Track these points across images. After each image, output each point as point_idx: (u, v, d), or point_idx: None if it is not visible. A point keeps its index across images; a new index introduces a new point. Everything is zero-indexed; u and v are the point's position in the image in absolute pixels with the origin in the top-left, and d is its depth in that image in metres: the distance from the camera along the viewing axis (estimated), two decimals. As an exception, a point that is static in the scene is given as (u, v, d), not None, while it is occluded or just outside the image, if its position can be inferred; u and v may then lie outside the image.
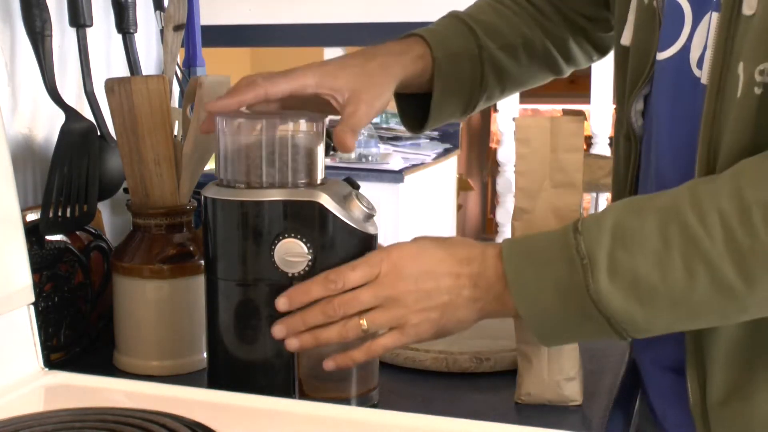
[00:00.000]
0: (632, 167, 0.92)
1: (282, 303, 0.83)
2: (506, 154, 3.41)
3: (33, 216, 1.00)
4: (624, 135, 0.93)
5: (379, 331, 0.83)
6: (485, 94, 1.04)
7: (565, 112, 5.69)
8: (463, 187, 4.60)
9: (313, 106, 0.91)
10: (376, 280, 0.81)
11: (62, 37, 1.11)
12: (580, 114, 0.91)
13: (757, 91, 0.74)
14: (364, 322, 0.81)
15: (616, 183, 0.96)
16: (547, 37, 1.06)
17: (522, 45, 1.05)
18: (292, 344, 0.83)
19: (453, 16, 1.05)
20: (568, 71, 1.11)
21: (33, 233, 0.99)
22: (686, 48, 0.82)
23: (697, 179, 0.77)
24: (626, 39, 0.89)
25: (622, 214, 0.76)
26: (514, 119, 0.91)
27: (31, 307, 0.83)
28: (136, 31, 1.17)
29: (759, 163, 0.73)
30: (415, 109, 1.02)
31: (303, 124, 0.86)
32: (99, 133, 1.08)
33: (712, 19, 0.79)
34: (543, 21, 1.06)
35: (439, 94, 0.99)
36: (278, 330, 0.83)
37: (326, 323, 0.82)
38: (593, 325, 0.76)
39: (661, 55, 0.85)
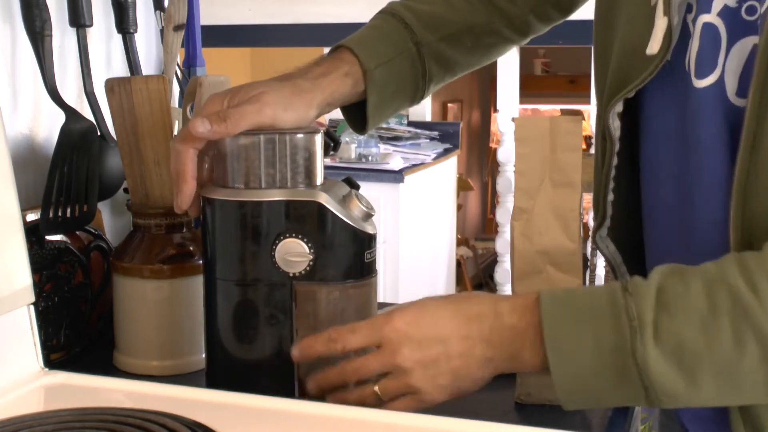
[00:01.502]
0: (606, 167, 0.91)
1: (294, 355, 0.83)
2: (506, 154, 3.41)
3: (33, 216, 1.00)
4: (600, 134, 0.91)
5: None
6: (432, 83, 1.03)
7: (564, 112, 5.70)
8: (463, 187, 4.60)
9: None
10: (381, 348, 0.79)
11: (62, 37, 1.11)
12: (579, 114, 0.90)
13: None
14: (377, 390, 0.79)
15: (596, 183, 0.95)
16: (500, 19, 1.05)
17: (467, 31, 1.03)
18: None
19: (388, 13, 1.03)
20: (523, 42, 1.10)
21: (33, 233, 0.99)
22: (722, 76, 0.80)
23: (740, 252, 0.74)
24: (654, 48, 0.83)
25: (665, 277, 0.74)
26: (513, 119, 0.91)
27: (31, 307, 0.83)
28: (136, 31, 1.17)
29: None
30: (356, 111, 1.01)
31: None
32: (99, 133, 1.08)
33: (748, 44, 0.77)
34: (499, 2, 1.05)
35: (375, 102, 0.98)
36: (311, 386, 0.83)
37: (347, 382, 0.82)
38: (628, 391, 0.73)
39: (700, 83, 0.81)
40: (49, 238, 1.02)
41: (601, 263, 2.61)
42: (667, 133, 0.87)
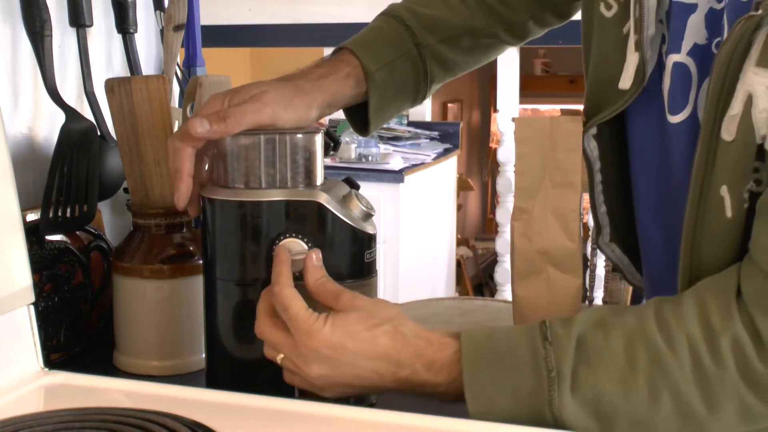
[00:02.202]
0: (592, 184, 0.93)
1: None
2: (506, 154, 3.41)
3: (33, 216, 1.00)
4: (583, 154, 0.93)
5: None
6: (433, 84, 1.04)
7: (564, 112, 5.69)
8: (463, 187, 4.60)
9: None
10: (295, 349, 0.79)
11: (62, 37, 1.11)
12: (579, 114, 0.90)
13: (745, 205, 0.75)
14: (279, 360, 0.81)
15: (590, 195, 0.96)
16: (499, 24, 1.05)
17: (466, 34, 1.04)
18: None
19: (389, 15, 1.04)
20: (520, 44, 1.11)
21: (33, 233, 0.99)
22: (694, 111, 0.81)
23: (659, 300, 0.76)
24: (626, 83, 0.85)
25: (586, 328, 0.75)
26: (513, 119, 0.91)
27: (31, 307, 0.83)
28: (136, 31, 1.17)
29: (719, 289, 0.74)
30: (358, 113, 1.02)
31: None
32: (99, 133, 1.08)
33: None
34: (498, 7, 1.05)
35: (376, 104, 0.99)
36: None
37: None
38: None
39: (673, 119, 0.83)
40: (49, 238, 1.02)
41: (601, 263, 2.60)
42: (647, 162, 0.88)
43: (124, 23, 1.16)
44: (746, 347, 0.70)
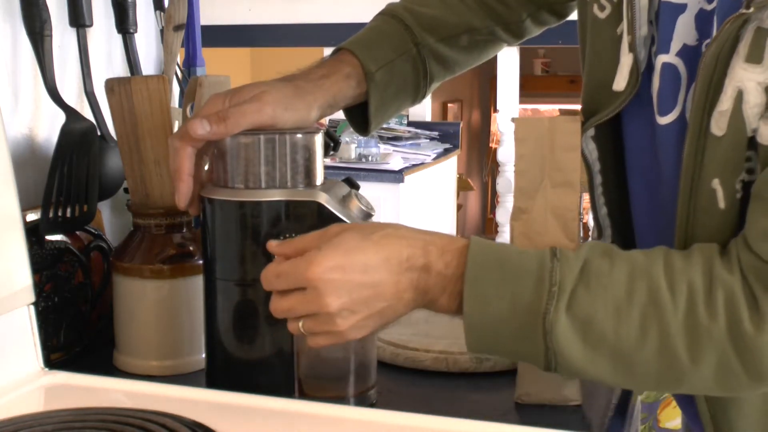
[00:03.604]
0: (592, 187, 0.93)
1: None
2: (506, 154, 3.41)
3: (33, 216, 1.00)
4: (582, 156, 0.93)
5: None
6: (433, 82, 1.05)
7: (562, 112, 5.69)
8: (463, 187, 4.60)
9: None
10: (306, 291, 0.77)
11: (62, 37, 1.11)
12: (577, 113, 0.90)
13: (738, 195, 0.75)
14: (301, 327, 0.78)
15: (590, 197, 0.96)
16: (497, 23, 1.06)
17: (464, 33, 1.04)
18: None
19: (388, 15, 1.04)
20: (518, 43, 1.11)
21: (33, 233, 0.99)
22: (683, 113, 0.81)
23: (669, 249, 0.77)
24: (620, 85, 0.85)
25: (593, 254, 0.76)
26: (513, 119, 0.91)
27: (31, 307, 0.83)
28: (136, 31, 1.17)
29: (726, 249, 0.75)
30: (358, 113, 1.02)
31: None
32: (99, 133, 1.08)
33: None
34: (495, 6, 1.06)
35: (376, 104, 0.99)
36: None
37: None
38: (530, 348, 0.75)
39: (661, 120, 0.83)
40: (49, 238, 1.02)
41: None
42: (639, 163, 0.89)
43: (124, 23, 1.16)
44: (740, 306, 0.71)
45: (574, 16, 1.13)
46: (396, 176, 3.18)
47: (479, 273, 0.75)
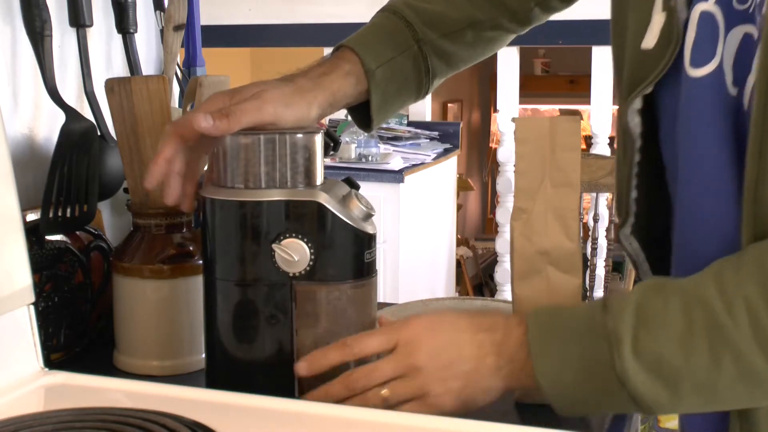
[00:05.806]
0: (628, 165, 0.90)
1: (302, 368, 0.83)
2: (506, 154, 3.41)
3: (33, 216, 1.00)
4: (623, 132, 0.91)
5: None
6: (435, 79, 1.04)
7: (562, 112, 5.70)
8: (463, 187, 4.60)
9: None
10: (395, 351, 0.80)
11: (62, 37, 1.11)
12: (577, 113, 0.90)
13: None
14: (386, 392, 0.80)
15: (618, 180, 0.94)
16: (503, 13, 1.05)
17: (468, 27, 1.04)
18: None
19: (389, 11, 1.03)
20: (524, 31, 1.10)
21: (33, 233, 0.99)
22: (721, 65, 0.79)
23: (721, 262, 0.76)
24: (649, 43, 0.83)
25: (644, 295, 0.76)
26: (513, 119, 0.91)
27: (31, 307, 0.83)
28: (136, 31, 1.17)
29: None
30: (361, 110, 1.01)
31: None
32: (99, 133, 1.08)
33: (740, 32, 0.77)
34: None
35: (378, 101, 0.99)
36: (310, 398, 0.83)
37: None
38: (618, 400, 0.76)
39: (695, 72, 0.80)
40: (49, 238, 1.02)
41: (601, 263, 2.60)
42: (667, 131, 0.86)
43: (124, 23, 1.16)
44: None
45: (574, 12, 1.13)
46: (396, 176, 3.18)
47: (540, 347, 0.78)
